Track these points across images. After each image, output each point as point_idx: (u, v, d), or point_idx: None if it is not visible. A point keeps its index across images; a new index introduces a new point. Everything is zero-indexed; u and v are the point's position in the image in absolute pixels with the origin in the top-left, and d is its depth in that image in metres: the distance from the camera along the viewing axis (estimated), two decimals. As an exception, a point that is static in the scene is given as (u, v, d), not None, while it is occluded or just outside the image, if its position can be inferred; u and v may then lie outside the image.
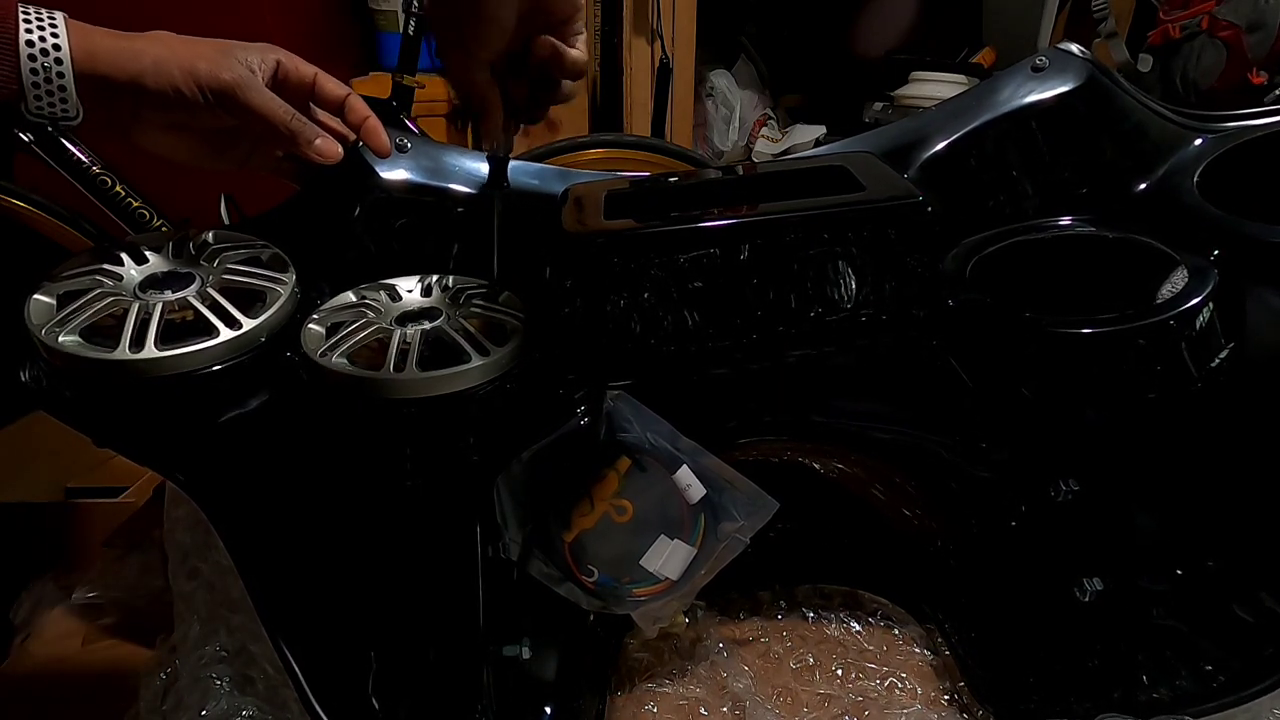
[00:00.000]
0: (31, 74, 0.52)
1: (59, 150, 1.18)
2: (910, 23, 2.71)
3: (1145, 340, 0.62)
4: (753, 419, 0.71)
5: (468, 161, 0.78)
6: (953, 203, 0.74)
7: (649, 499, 0.66)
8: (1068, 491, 0.64)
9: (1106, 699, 0.66)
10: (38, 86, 0.52)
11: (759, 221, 0.66)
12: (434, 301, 0.68)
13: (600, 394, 0.65)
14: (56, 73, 0.53)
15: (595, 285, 0.67)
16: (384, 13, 2.11)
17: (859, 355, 0.68)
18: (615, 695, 0.73)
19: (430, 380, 0.58)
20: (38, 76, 0.52)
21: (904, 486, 0.76)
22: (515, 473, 0.63)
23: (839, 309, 0.67)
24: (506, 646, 0.65)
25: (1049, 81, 0.76)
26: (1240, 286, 0.64)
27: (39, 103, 0.53)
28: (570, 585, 0.65)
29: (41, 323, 0.56)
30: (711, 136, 2.62)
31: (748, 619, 0.81)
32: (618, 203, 0.72)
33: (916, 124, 0.79)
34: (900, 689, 0.73)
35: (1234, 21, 2.01)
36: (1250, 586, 0.65)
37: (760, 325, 0.67)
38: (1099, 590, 0.65)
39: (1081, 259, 0.72)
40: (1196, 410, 0.62)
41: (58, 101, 0.53)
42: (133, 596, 0.81)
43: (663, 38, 2.05)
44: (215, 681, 0.67)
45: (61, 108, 0.53)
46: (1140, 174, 0.75)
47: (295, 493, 0.62)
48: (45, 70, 0.52)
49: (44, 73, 0.52)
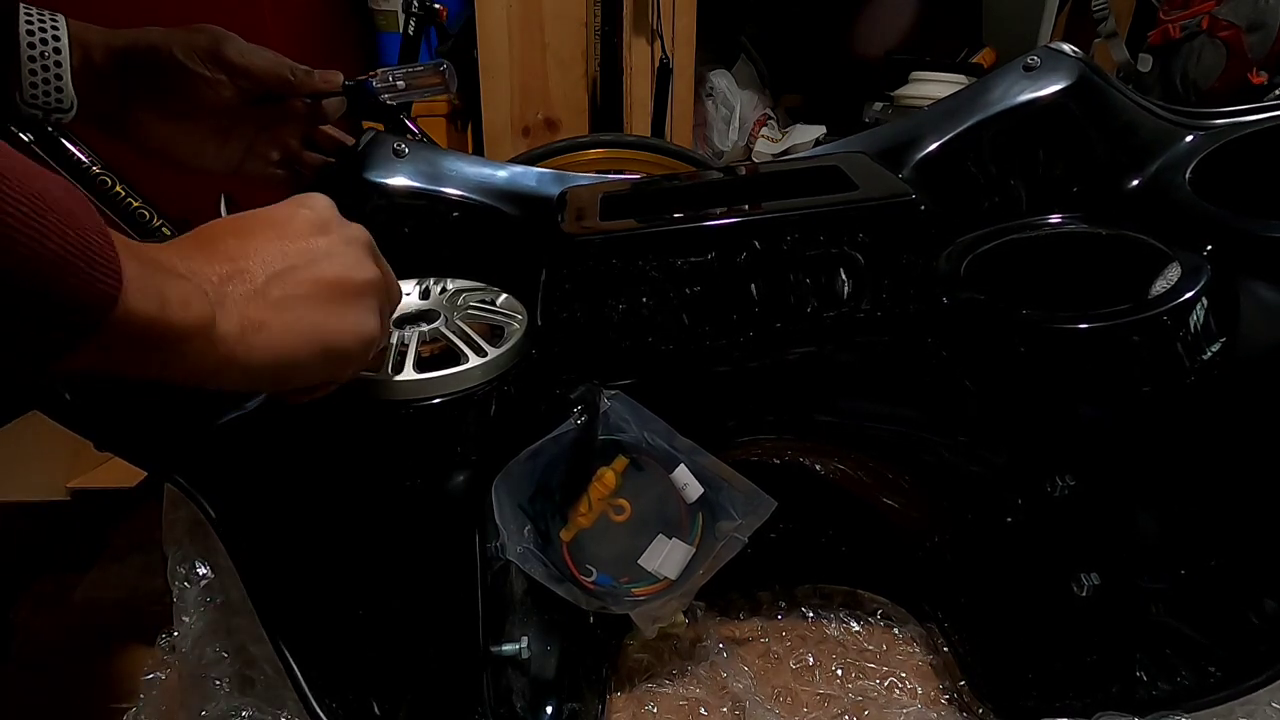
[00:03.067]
0: (29, 60, 0.52)
1: (59, 150, 1.18)
2: (910, 23, 2.71)
3: (1139, 335, 0.62)
4: (751, 417, 0.71)
5: (466, 166, 0.79)
6: (947, 201, 0.75)
7: (647, 498, 0.66)
8: (1064, 487, 0.64)
9: (1105, 695, 0.66)
10: (34, 74, 0.53)
11: (754, 221, 0.67)
12: (432, 304, 0.68)
13: (597, 394, 0.65)
14: (54, 60, 0.53)
15: (593, 286, 0.67)
16: (384, 13, 2.12)
17: (856, 353, 0.69)
18: (615, 695, 0.73)
19: (428, 382, 0.59)
20: (35, 64, 0.52)
21: (902, 484, 0.76)
22: (513, 473, 0.63)
23: (835, 307, 0.67)
24: (506, 646, 0.65)
25: (1041, 80, 0.76)
26: (1233, 281, 0.64)
27: (34, 90, 0.53)
28: (569, 585, 0.65)
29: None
30: (711, 136, 2.62)
31: (748, 619, 0.81)
32: (614, 204, 0.73)
33: (910, 124, 0.80)
34: (900, 688, 0.73)
35: (1234, 21, 2.01)
36: (1248, 580, 0.65)
37: (756, 324, 0.68)
38: (1097, 586, 0.65)
39: (1075, 256, 0.73)
40: (1190, 405, 0.63)
41: (53, 91, 0.53)
42: (133, 596, 0.81)
43: (663, 38, 2.05)
44: (215, 682, 0.67)
45: (56, 98, 0.54)
46: (1133, 171, 0.76)
47: (294, 494, 0.62)
48: (43, 58, 0.52)
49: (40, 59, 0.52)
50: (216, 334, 0.39)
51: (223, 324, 0.40)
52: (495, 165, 0.81)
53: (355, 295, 0.47)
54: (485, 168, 0.80)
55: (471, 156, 0.80)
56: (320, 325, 0.45)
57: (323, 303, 0.45)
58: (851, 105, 2.62)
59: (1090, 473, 0.64)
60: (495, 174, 0.80)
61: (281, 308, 0.43)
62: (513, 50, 2.03)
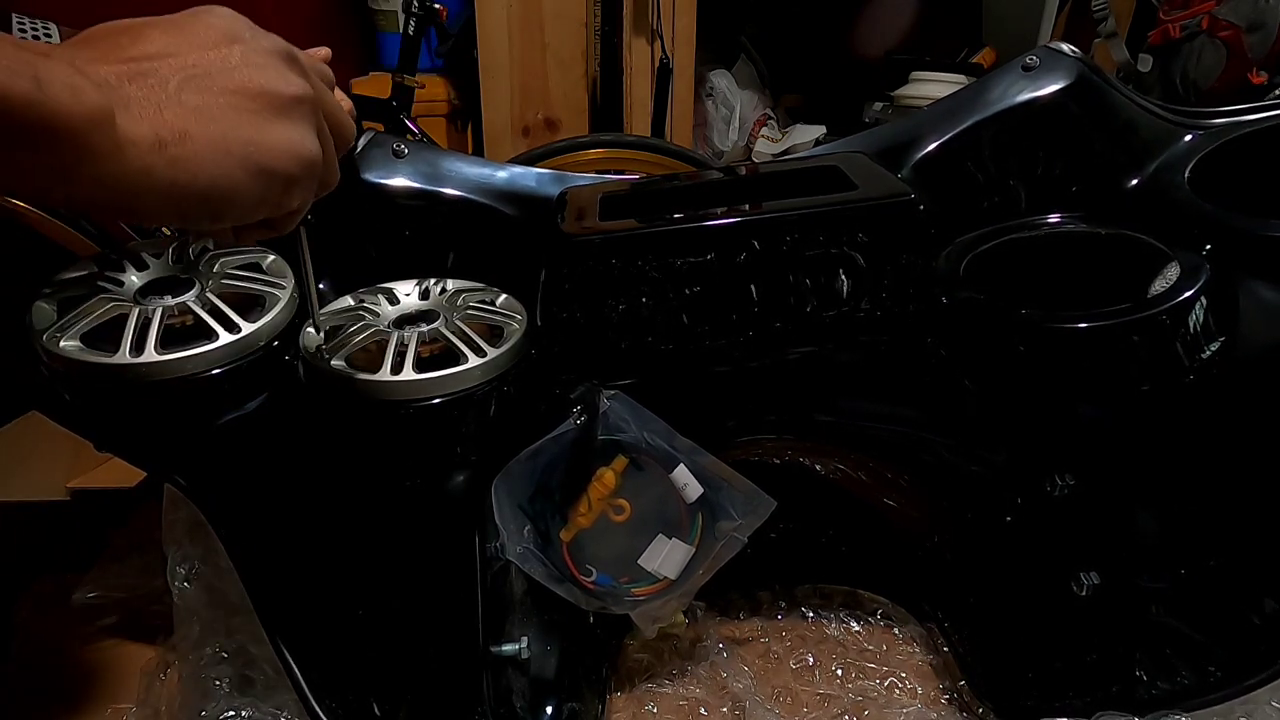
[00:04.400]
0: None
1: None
2: (910, 23, 2.72)
3: (1138, 335, 0.62)
4: (751, 417, 0.71)
5: (465, 166, 0.79)
6: (946, 201, 0.75)
7: (646, 498, 0.66)
8: (1064, 486, 0.64)
9: (1105, 695, 0.66)
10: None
11: (754, 221, 0.67)
12: (431, 304, 0.68)
13: (597, 394, 0.65)
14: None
15: (593, 286, 0.67)
16: (384, 13, 2.12)
17: (855, 353, 0.69)
18: (615, 695, 0.73)
19: (428, 382, 0.59)
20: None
21: (902, 484, 0.76)
22: (513, 473, 0.63)
23: (834, 307, 0.67)
24: (506, 646, 0.65)
25: (1040, 80, 0.76)
26: (1232, 280, 0.64)
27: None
28: (569, 585, 0.65)
29: (42, 327, 0.56)
30: (711, 136, 2.62)
31: (748, 619, 0.81)
32: (614, 204, 0.73)
33: (909, 124, 0.80)
34: (900, 688, 0.74)
35: (1234, 21, 2.01)
36: (1248, 580, 0.65)
37: (756, 324, 0.68)
38: (1097, 586, 0.65)
39: (1074, 255, 0.73)
40: (1189, 404, 0.63)
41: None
42: (133, 596, 0.81)
43: (663, 38, 2.06)
44: (215, 682, 0.67)
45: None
46: (1131, 170, 0.76)
47: (294, 495, 0.62)
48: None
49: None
50: (123, 136, 0.36)
51: (130, 126, 0.36)
52: (495, 165, 0.81)
53: (285, 108, 0.42)
54: (485, 168, 0.80)
55: (471, 157, 0.80)
56: (252, 140, 0.40)
57: (250, 115, 0.40)
58: (851, 105, 2.62)
59: (1090, 472, 0.64)
60: (495, 174, 0.80)
61: (204, 117, 0.39)
62: (513, 50, 2.03)
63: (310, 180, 0.45)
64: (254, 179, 0.41)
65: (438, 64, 2.13)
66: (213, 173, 0.39)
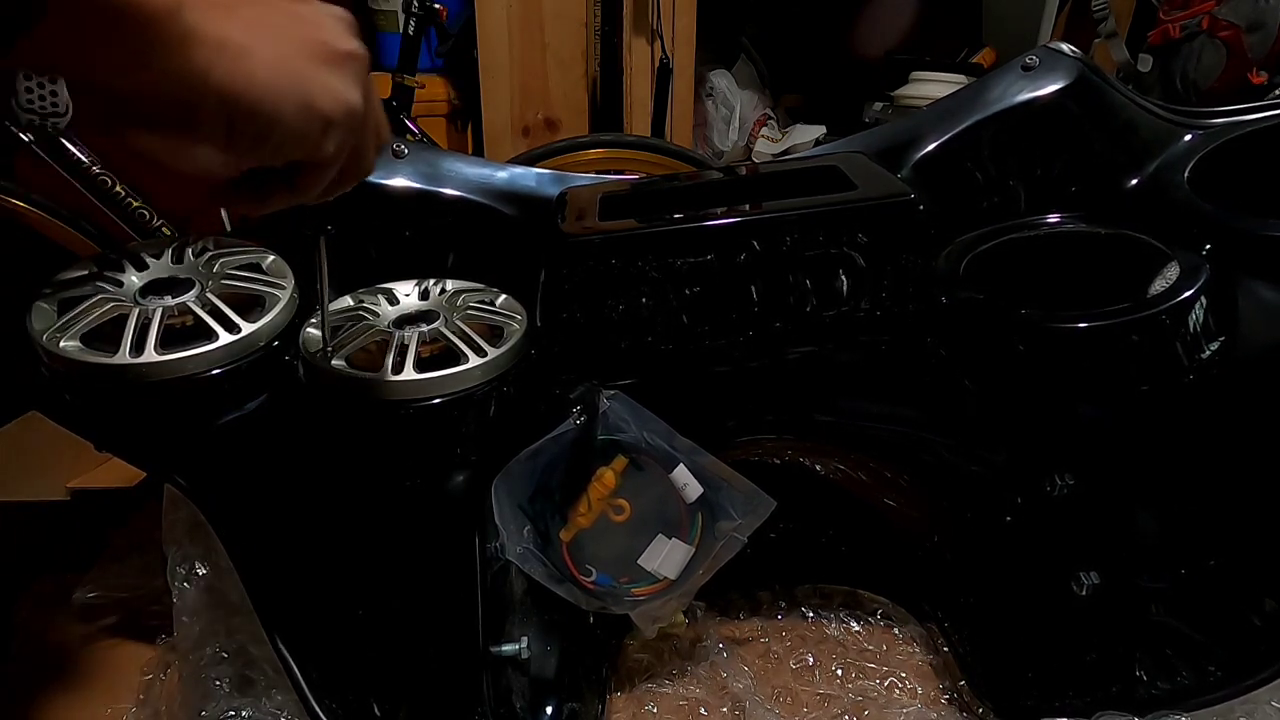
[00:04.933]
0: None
1: (59, 150, 1.19)
2: (910, 23, 2.71)
3: (1138, 334, 0.62)
4: (751, 417, 0.71)
5: (465, 166, 0.79)
6: (946, 201, 0.75)
7: (646, 498, 0.66)
8: (1064, 486, 0.64)
9: (1105, 694, 0.66)
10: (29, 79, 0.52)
11: (753, 221, 0.67)
12: (431, 304, 0.68)
13: (597, 394, 0.65)
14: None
15: (592, 286, 0.67)
16: (384, 13, 2.12)
17: (855, 353, 0.69)
18: (615, 695, 0.73)
19: (428, 382, 0.59)
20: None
21: (902, 484, 0.76)
22: (513, 473, 0.63)
23: (834, 307, 0.67)
24: (506, 646, 0.65)
25: (1039, 80, 0.76)
26: (1232, 280, 0.64)
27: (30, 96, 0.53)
28: (569, 585, 0.65)
29: (43, 328, 0.56)
30: (711, 136, 2.62)
31: (748, 619, 0.81)
32: (613, 204, 0.73)
33: (909, 124, 0.80)
34: (900, 688, 0.74)
35: (1234, 21, 2.01)
36: (1248, 580, 0.65)
37: (756, 324, 0.68)
38: (1097, 585, 0.65)
39: (1074, 255, 0.73)
40: (1189, 403, 0.63)
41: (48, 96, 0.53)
42: (133, 596, 0.81)
43: (663, 38, 2.05)
44: (215, 682, 0.67)
45: (52, 103, 0.53)
46: (1131, 170, 0.76)
47: (294, 494, 0.62)
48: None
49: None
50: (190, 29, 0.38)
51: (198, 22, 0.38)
52: (495, 166, 0.81)
53: (339, 61, 0.45)
54: (485, 168, 0.80)
55: (471, 157, 0.80)
56: (306, 77, 0.43)
57: (307, 57, 0.43)
58: (851, 105, 2.62)
59: (1089, 472, 0.64)
60: (495, 175, 0.80)
61: (265, 40, 0.42)
62: (513, 50, 2.03)
63: (348, 134, 0.47)
64: (299, 111, 0.43)
65: (438, 64, 2.13)
66: (265, 89, 0.41)
